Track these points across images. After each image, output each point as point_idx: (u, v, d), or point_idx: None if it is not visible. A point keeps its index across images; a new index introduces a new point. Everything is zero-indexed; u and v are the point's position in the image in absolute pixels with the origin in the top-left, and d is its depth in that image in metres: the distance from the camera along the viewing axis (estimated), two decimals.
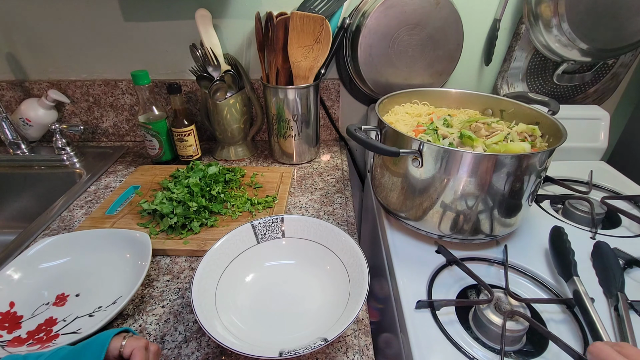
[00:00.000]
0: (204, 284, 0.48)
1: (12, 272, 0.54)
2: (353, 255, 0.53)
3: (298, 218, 0.59)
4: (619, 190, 0.78)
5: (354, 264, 0.52)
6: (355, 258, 0.52)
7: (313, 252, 0.57)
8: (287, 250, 0.58)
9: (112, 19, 0.87)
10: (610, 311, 0.50)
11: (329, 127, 1.02)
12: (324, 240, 0.57)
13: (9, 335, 0.46)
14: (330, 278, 0.54)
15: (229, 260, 0.54)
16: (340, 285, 0.52)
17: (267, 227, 0.58)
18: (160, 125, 0.83)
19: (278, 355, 0.36)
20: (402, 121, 0.70)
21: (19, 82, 0.95)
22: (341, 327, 0.40)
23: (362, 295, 0.45)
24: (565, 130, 0.57)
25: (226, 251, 0.54)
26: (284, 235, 0.59)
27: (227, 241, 0.55)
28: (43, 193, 0.90)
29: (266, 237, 0.58)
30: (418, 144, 0.55)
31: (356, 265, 0.51)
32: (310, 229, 0.58)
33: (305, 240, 0.58)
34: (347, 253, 0.54)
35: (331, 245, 0.56)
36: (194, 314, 0.42)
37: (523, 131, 0.62)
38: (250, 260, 0.56)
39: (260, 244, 0.58)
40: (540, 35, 0.79)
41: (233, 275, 0.54)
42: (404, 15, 0.75)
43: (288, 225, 0.59)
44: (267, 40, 0.76)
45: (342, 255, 0.54)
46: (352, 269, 0.52)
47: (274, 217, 0.59)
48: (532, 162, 0.53)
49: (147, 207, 0.66)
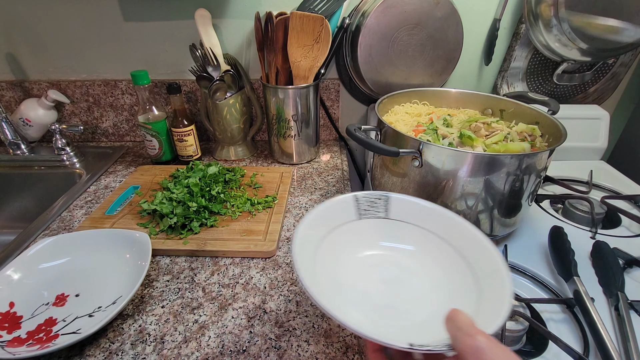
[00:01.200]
0: (304, 254, 0.41)
1: (12, 272, 0.54)
2: (480, 252, 0.43)
3: (410, 199, 0.50)
4: (619, 190, 0.78)
5: (482, 262, 0.42)
6: (484, 255, 0.42)
7: (425, 240, 0.48)
8: (392, 233, 0.50)
9: (112, 19, 0.87)
10: (610, 311, 0.50)
11: (328, 127, 1.02)
12: (439, 230, 0.48)
13: (9, 336, 0.46)
14: (443, 272, 0.45)
15: (325, 232, 0.47)
16: (459, 282, 0.43)
17: (369, 203, 0.51)
18: (160, 125, 0.83)
19: (408, 346, 0.32)
20: (402, 121, 0.70)
21: (19, 82, 0.95)
22: None
23: (502, 312, 0.35)
24: (565, 130, 0.57)
25: (324, 221, 0.48)
26: (387, 215, 0.51)
27: (326, 209, 0.48)
28: (43, 193, 0.90)
29: (367, 214, 0.51)
30: (418, 144, 0.55)
31: (485, 265, 0.41)
32: (422, 214, 0.49)
33: (413, 226, 0.50)
34: (472, 247, 0.44)
35: (450, 237, 0.47)
36: (302, 284, 0.36)
37: (523, 131, 0.62)
38: (351, 235, 0.49)
39: (361, 220, 0.50)
40: (540, 35, 0.79)
41: (331, 249, 0.46)
42: (403, 15, 0.75)
43: (394, 204, 0.50)
44: (267, 40, 0.76)
45: (464, 249, 0.45)
46: (478, 267, 0.42)
47: (380, 192, 0.51)
48: (532, 162, 0.53)
49: (147, 207, 0.66)
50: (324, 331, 0.49)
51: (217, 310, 0.51)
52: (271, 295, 0.54)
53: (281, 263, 0.60)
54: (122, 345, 0.47)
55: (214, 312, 0.51)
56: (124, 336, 0.48)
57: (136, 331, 0.49)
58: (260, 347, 0.46)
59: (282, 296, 0.54)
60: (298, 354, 0.46)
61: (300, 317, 0.51)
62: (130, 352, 0.46)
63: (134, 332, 0.49)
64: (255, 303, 0.53)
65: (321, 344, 0.47)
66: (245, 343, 0.47)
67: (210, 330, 0.49)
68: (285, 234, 0.66)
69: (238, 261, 0.60)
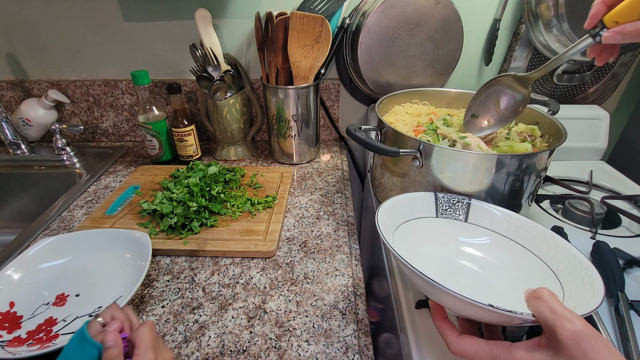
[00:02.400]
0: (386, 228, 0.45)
1: (12, 272, 0.54)
2: (569, 262, 0.44)
3: (491, 207, 0.53)
4: (619, 190, 0.78)
5: (571, 274, 0.43)
6: (574, 267, 0.43)
7: (503, 243, 0.50)
8: (469, 232, 0.53)
9: (112, 19, 0.87)
10: (610, 311, 0.50)
11: (329, 127, 1.02)
12: (522, 239, 0.50)
13: (9, 335, 0.46)
14: (529, 279, 0.46)
15: (404, 219, 0.51)
16: (537, 273, 0.45)
17: (449, 204, 0.54)
18: (160, 125, 0.83)
19: (487, 305, 0.32)
20: (402, 121, 0.70)
21: (19, 82, 0.95)
22: None
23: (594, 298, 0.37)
24: (565, 130, 0.57)
25: (404, 208, 0.51)
26: (467, 219, 0.54)
27: (406, 199, 0.52)
28: (43, 193, 0.90)
29: (446, 214, 0.54)
30: (418, 144, 0.55)
31: (575, 276, 0.42)
32: (503, 222, 0.52)
33: (493, 232, 0.52)
34: (561, 261, 0.45)
35: (536, 249, 0.48)
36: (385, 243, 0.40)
37: (523, 131, 0.62)
38: (428, 229, 0.52)
39: (438, 219, 0.54)
40: (540, 35, 0.79)
41: (407, 234, 0.50)
42: (403, 15, 0.75)
43: (474, 210, 0.53)
44: (267, 40, 0.76)
45: (551, 263, 0.46)
46: (566, 279, 0.43)
47: (461, 196, 0.54)
48: (532, 162, 0.53)
49: (147, 207, 0.66)
50: (324, 331, 0.49)
51: (217, 310, 0.51)
52: (271, 295, 0.54)
53: (281, 263, 0.60)
54: None
55: (214, 312, 0.51)
56: None
57: None
58: (260, 347, 0.46)
59: (282, 296, 0.54)
60: (298, 354, 0.46)
61: (300, 317, 0.51)
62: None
63: None
64: (255, 303, 0.53)
65: (321, 344, 0.47)
66: (245, 343, 0.47)
67: (211, 330, 0.49)
68: (285, 234, 0.66)
69: (238, 261, 0.60)
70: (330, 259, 0.61)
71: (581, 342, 0.27)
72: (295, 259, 0.61)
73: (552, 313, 0.30)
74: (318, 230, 0.67)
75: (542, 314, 0.30)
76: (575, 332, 0.28)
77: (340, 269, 0.59)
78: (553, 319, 0.29)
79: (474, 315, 0.37)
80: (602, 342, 0.27)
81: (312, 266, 0.59)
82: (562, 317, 0.29)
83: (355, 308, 0.52)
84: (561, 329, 0.28)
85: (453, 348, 0.35)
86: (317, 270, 0.58)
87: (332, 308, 0.52)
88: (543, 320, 0.30)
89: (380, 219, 0.46)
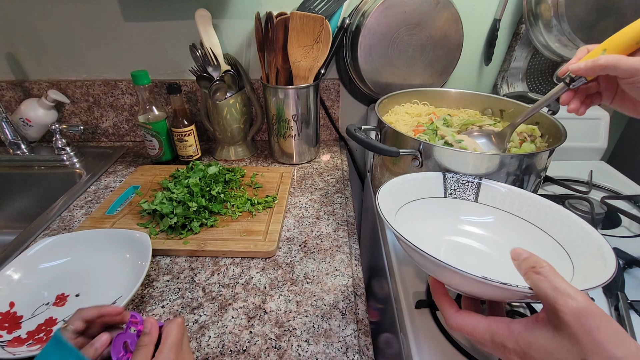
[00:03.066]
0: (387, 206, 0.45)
1: (12, 272, 0.54)
2: (577, 235, 0.43)
3: (500, 185, 0.51)
4: (619, 190, 0.78)
5: (579, 246, 0.42)
6: (583, 240, 0.42)
7: (517, 226, 0.49)
8: (472, 212, 0.52)
9: (112, 19, 0.87)
10: (610, 311, 0.50)
11: (329, 127, 1.02)
12: (527, 215, 0.48)
13: (9, 336, 0.46)
14: (526, 240, 0.46)
15: (408, 200, 0.50)
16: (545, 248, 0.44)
17: (459, 183, 0.53)
18: (160, 125, 0.83)
19: (481, 277, 0.32)
20: (402, 121, 0.70)
21: (19, 82, 0.95)
22: None
23: (605, 269, 0.35)
24: (565, 130, 0.57)
25: (410, 188, 0.50)
26: (477, 199, 0.52)
27: (413, 179, 0.51)
28: (43, 193, 0.90)
29: (455, 194, 0.53)
30: (418, 144, 0.55)
31: (584, 248, 0.42)
32: (515, 202, 0.50)
33: (504, 212, 0.51)
34: (568, 234, 0.44)
35: (548, 227, 0.46)
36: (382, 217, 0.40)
37: (523, 131, 0.62)
38: (432, 209, 0.51)
39: (447, 199, 0.52)
40: (540, 35, 0.79)
41: (408, 218, 0.49)
42: (403, 15, 0.75)
43: (485, 190, 0.52)
44: (267, 40, 0.76)
45: (558, 236, 0.45)
46: (575, 252, 0.43)
47: (471, 176, 0.52)
48: (532, 162, 0.53)
49: (147, 207, 0.66)
50: (324, 331, 0.49)
51: (217, 310, 0.51)
52: (271, 295, 0.54)
53: (281, 263, 0.60)
54: None
55: (214, 312, 0.51)
56: None
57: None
58: (260, 347, 0.46)
59: (282, 296, 0.54)
60: (298, 354, 0.46)
61: (300, 317, 0.51)
62: None
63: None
64: (255, 303, 0.53)
65: (321, 344, 0.47)
66: (245, 343, 0.47)
67: (210, 330, 0.49)
68: (285, 234, 0.66)
69: (238, 261, 0.60)
70: (330, 259, 0.61)
71: (585, 320, 0.26)
72: (295, 259, 0.61)
73: (553, 290, 0.28)
74: (318, 230, 0.67)
75: (542, 290, 0.29)
76: (577, 310, 0.26)
77: (340, 269, 0.59)
78: (555, 296, 0.28)
79: (471, 290, 0.36)
80: (607, 320, 0.26)
81: (312, 266, 0.59)
82: (565, 294, 0.27)
83: (355, 308, 0.52)
84: (564, 307, 0.27)
85: (451, 322, 0.34)
86: (317, 270, 0.58)
87: (332, 308, 0.52)
88: (544, 296, 0.29)
89: (382, 198, 0.45)
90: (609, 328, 0.26)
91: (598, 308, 0.27)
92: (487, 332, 0.32)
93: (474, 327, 0.33)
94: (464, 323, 0.34)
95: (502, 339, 0.30)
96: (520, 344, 0.29)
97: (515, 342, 0.30)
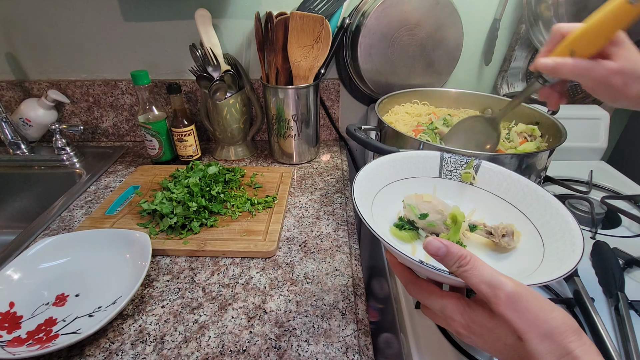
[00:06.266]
0: (366, 183, 0.46)
1: (12, 272, 0.54)
2: (545, 210, 0.43)
3: (500, 169, 0.49)
4: (619, 190, 0.78)
5: (548, 222, 0.42)
6: (552, 218, 0.41)
7: (502, 210, 0.47)
8: (467, 198, 0.50)
9: (112, 19, 0.87)
10: (610, 311, 0.50)
11: (328, 127, 1.02)
12: (520, 205, 0.46)
13: (9, 336, 0.46)
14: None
15: (400, 177, 0.49)
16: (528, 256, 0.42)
17: (456, 165, 0.51)
18: (160, 125, 0.83)
19: (418, 261, 0.33)
20: (402, 121, 0.70)
21: (19, 82, 0.95)
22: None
23: (573, 253, 0.35)
24: (565, 130, 0.57)
25: (403, 166, 0.49)
26: (472, 182, 0.51)
27: (409, 157, 0.49)
28: (43, 193, 0.90)
29: (450, 175, 0.51)
30: (418, 144, 0.55)
31: (553, 224, 0.41)
32: (510, 188, 0.48)
33: (494, 196, 0.49)
34: (537, 209, 0.43)
35: (530, 213, 0.45)
36: (355, 205, 0.41)
37: (523, 131, 0.62)
38: (420, 188, 0.50)
39: (441, 179, 0.51)
40: (540, 35, 0.79)
41: (395, 193, 0.48)
42: (403, 15, 0.75)
43: (482, 173, 0.50)
44: (267, 40, 0.76)
45: (528, 212, 0.44)
46: (545, 230, 0.42)
47: (469, 157, 0.50)
48: (532, 161, 0.53)
49: (147, 207, 0.66)
50: (324, 331, 0.49)
51: (217, 310, 0.51)
52: (271, 295, 0.54)
53: (281, 263, 0.60)
54: (122, 345, 0.47)
55: (214, 312, 0.51)
56: (124, 336, 0.48)
57: (136, 331, 0.49)
58: (260, 347, 0.46)
59: (282, 296, 0.54)
60: (298, 354, 0.46)
61: (300, 317, 0.51)
62: (130, 352, 0.46)
63: (134, 332, 0.49)
64: (255, 303, 0.53)
65: (321, 344, 0.47)
66: (245, 343, 0.47)
67: (210, 330, 0.49)
68: (285, 234, 0.66)
69: (238, 261, 0.60)
70: (330, 259, 0.61)
71: (515, 305, 0.28)
72: (295, 259, 0.61)
73: (482, 284, 0.30)
74: (318, 230, 0.67)
75: (473, 285, 0.30)
76: (507, 298, 0.28)
77: (340, 269, 0.59)
78: (485, 290, 0.29)
79: (417, 271, 0.37)
80: (533, 298, 0.28)
81: (312, 266, 0.59)
82: (493, 285, 0.29)
83: (355, 308, 0.52)
84: (494, 299, 0.29)
85: (409, 290, 0.37)
86: (317, 270, 0.58)
87: (332, 308, 0.52)
88: (476, 290, 0.30)
89: (361, 175, 0.46)
90: (536, 305, 0.28)
91: (525, 287, 0.29)
92: (439, 304, 0.34)
93: (427, 297, 0.35)
94: (420, 292, 0.36)
95: (450, 312, 0.33)
96: (465, 318, 0.32)
97: (461, 316, 0.33)
